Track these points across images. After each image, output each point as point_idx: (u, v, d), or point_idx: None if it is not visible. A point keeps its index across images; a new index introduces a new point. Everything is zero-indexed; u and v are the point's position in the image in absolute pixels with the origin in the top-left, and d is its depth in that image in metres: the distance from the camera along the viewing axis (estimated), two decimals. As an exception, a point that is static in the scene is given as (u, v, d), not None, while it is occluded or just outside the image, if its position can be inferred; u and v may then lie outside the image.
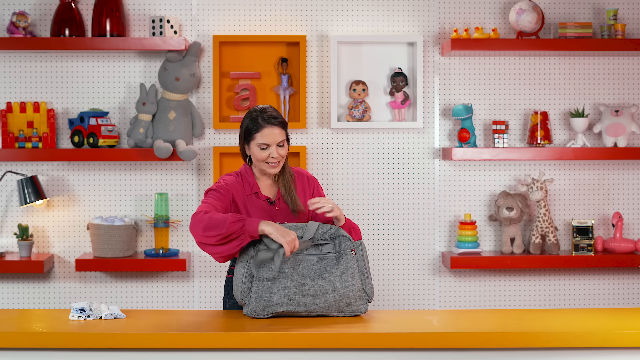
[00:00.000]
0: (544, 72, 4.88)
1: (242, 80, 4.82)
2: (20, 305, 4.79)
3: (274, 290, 3.14)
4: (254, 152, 3.36)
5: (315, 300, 3.15)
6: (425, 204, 4.86)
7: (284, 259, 3.14)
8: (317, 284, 3.15)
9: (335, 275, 3.17)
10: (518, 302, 4.89)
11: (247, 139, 3.38)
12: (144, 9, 4.79)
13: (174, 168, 4.82)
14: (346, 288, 3.16)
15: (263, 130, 3.33)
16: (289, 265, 3.16)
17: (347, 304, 3.17)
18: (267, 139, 3.33)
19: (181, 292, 4.83)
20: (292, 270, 3.16)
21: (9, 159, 4.61)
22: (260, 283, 3.15)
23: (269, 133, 3.33)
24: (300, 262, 3.17)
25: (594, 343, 2.97)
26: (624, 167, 4.91)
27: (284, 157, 3.38)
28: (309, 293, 3.15)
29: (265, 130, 3.33)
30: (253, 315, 3.17)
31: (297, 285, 3.14)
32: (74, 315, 3.17)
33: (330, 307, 3.16)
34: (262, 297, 3.15)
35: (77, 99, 4.80)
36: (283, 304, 3.14)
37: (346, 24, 4.83)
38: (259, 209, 3.38)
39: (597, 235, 4.85)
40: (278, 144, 3.34)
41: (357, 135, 4.84)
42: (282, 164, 3.39)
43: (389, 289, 4.86)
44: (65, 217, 4.80)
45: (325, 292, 3.15)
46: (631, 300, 4.91)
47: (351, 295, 3.17)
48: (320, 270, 3.16)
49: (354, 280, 3.18)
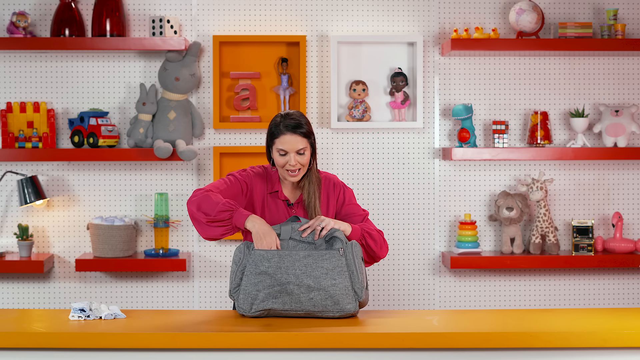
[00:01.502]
0: (544, 72, 4.88)
1: (242, 80, 4.82)
2: (20, 305, 4.79)
3: (260, 287, 3.16)
4: (275, 157, 3.35)
5: (300, 298, 3.15)
6: (425, 204, 4.86)
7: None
8: (301, 281, 3.15)
9: (321, 273, 3.16)
10: (518, 302, 4.89)
11: (269, 143, 3.38)
12: (144, 9, 4.79)
13: (174, 168, 4.82)
14: (332, 286, 3.16)
15: (283, 136, 3.31)
16: (272, 264, 3.17)
17: (334, 302, 3.16)
18: (286, 145, 3.30)
19: (181, 292, 4.83)
20: (276, 268, 3.16)
21: (9, 159, 4.61)
22: (247, 280, 3.16)
23: (288, 140, 3.30)
24: (286, 259, 3.17)
25: (594, 343, 2.97)
26: (624, 167, 4.91)
27: (305, 165, 3.34)
28: (294, 291, 3.15)
29: (285, 137, 3.31)
30: (241, 312, 3.19)
31: (282, 283, 3.15)
32: (74, 315, 3.17)
33: (317, 305, 3.16)
34: (249, 294, 3.16)
35: (77, 99, 4.80)
36: (269, 301, 3.15)
37: (346, 24, 4.83)
38: (276, 209, 3.39)
39: (597, 235, 4.85)
40: (298, 151, 3.31)
41: (357, 135, 4.84)
42: (302, 172, 3.35)
43: (389, 289, 4.86)
44: (65, 217, 4.80)
45: (310, 290, 3.15)
46: (631, 300, 4.91)
47: (338, 294, 3.16)
48: (305, 268, 3.16)
49: (342, 278, 3.17)
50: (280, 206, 3.40)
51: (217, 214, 3.22)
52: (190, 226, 4.80)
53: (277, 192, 3.40)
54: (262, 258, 3.17)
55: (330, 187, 3.45)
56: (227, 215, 3.22)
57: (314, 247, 3.22)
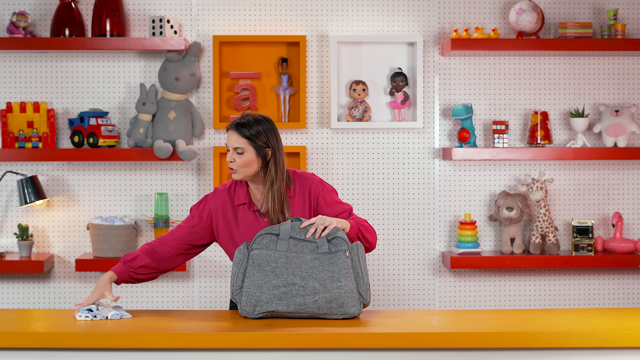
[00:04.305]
0: (544, 72, 4.88)
1: (242, 80, 4.82)
2: (20, 305, 4.79)
3: (264, 289, 3.15)
4: None
5: (305, 301, 3.14)
6: (425, 204, 4.86)
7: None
8: (307, 283, 3.15)
9: (327, 276, 3.16)
10: (518, 302, 4.89)
11: None
12: (144, 9, 4.79)
13: (174, 168, 4.82)
14: (338, 289, 3.15)
15: (228, 132, 3.37)
16: (279, 264, 3.16)
17: (339, 305, 3.15)
18: (227, 140, 3.36)
19: (181, 292, 4.83)
20: (283, 269, 3.16)
21: (9, 159, 4.61)
22: (250, 282, 3.16)
23: (229, 136, 3.36)
24: (292, 261, 3.17)
25: (594, 343, 2.97)
26: (624, 167, 4.91)
27: (243, 167, 3.32)
28: (298, 293, 3.14)
29: (228, 133, 3.37)
30: (244, 314, 3.18)
31: (287, 284, 3.14)
32: (81, 315, 3.17)
33: (321, 308, 3.15)
34: (252, 296, 3.15)
35: (77, 99, 4.80)
36: (273, 303, 3.14)
37: (346, 24, 4.83)
38: (247, 221, 3.37)
39: (597, 235, 4.85)
40: (235, 149, 3.32)
41: (357, 135, 4.84)
42: (243, 173, 3.33)
43: (389, 289, 4.86)
44: (65, 217, 4.80)
45: (315, 293, 3.14)
46: (631, 300, 4.91)
47: (343, 296, 3.15)
48: (311, 270, 3.16)
49: (347, 281, 3.17)
50: (251, 218, 3.37)
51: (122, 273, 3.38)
52: (190, 226, 4.80)
53: (244, 204, 3.38)
54: (267, 259, 3.16)
55: (306, 193, 3.40)
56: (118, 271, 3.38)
57: (315, 246, 3.21)
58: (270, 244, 3.19)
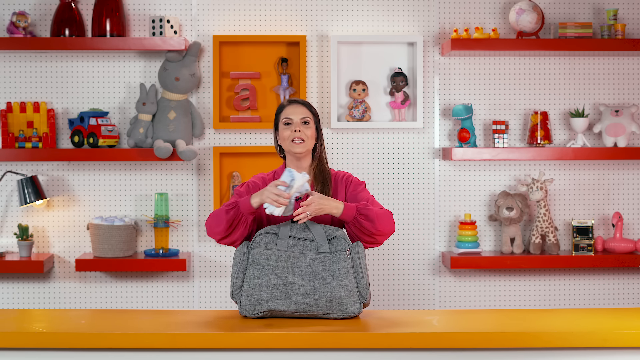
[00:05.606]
0: (544, 72, 4.88)
1: (242, 80, 4.82)
2: (20, 305, 4.79)
3: (263, 288, 3.15)
4: (281, 135, 3.38)
5: (305, 300, 3.15)
6: (425, 204, 4.86)
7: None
8: (307, 283, 3.15)
9: (327, 275, 3.16)
10: (518, 302, 4.89)
11: (276, 124, 3.43)
12: (144, 9, 4.79)
13: (174, 168, 4.82)
14: (338, 288, 3.15)
15: (287, 109, 3.40)
16: (280, 263, 3.16)
17: (339, 304, 3.16)
18: (290, 113, 3.38)
19: (181, 292, 4.83)
20: (283, 268, 3.16)
21: (9, 159, 4.61)
22: (250, 281, 3.16)
23: (292, 110, 3.38)
24: (292, 260, 3.17)
25: (594, 343, 2.97)
26: (624, 167, 4.91)
27: (309, 139, 3.36)
28: (299, 292, 3.15)
29: (289, 109, 3.40)
30: (244, 313, 3.18)
31: (287, 283, 3.15)
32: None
33: (321, 307, 3.15)
34: (252, 296, 3.16)
35: (77, 99, 4.80)
36: (273, 302, 3.15)
37: (346, 24, 4.83)
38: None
39: (597, 235, 4.85)
40: (302, 120, 3.36)
41: (357, 135, 4.84)
42: (308, 145, 3.36)
43: (389, 289, 4.86)
44: (65, 217, 4.80)
45: (315, 292, 3.15)
46: (631, 300, 4.91)
47: (343, 295, 3.16)
48: (311, 269, 3.16)
49: (347, 280, 3.17)
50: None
51: (225, 217, 3.21)
52: (190, 226, 4.80)
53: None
54: (267, 258, 3.17)
55: (337, 182, 3.42)
56: (235, 211, 3.22)
57: (315, 245, 3.21)
58: (270, 243, 3.20)
